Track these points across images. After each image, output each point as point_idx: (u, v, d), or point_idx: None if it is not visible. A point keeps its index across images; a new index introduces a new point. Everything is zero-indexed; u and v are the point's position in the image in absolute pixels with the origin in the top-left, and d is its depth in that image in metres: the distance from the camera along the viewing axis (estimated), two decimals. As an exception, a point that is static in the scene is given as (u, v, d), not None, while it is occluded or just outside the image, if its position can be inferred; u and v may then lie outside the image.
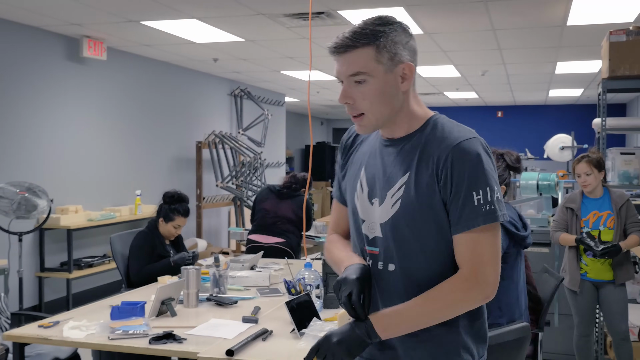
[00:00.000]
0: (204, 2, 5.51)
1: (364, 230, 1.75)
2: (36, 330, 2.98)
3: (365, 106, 1.65)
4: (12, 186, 5.65)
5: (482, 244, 1.61)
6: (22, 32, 6.31)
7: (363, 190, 1.76)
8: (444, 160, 1.61)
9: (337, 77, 1.68)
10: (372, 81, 1.63)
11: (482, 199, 1.60)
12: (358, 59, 1.62)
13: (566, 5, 5.55)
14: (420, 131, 1.70)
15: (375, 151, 1.77)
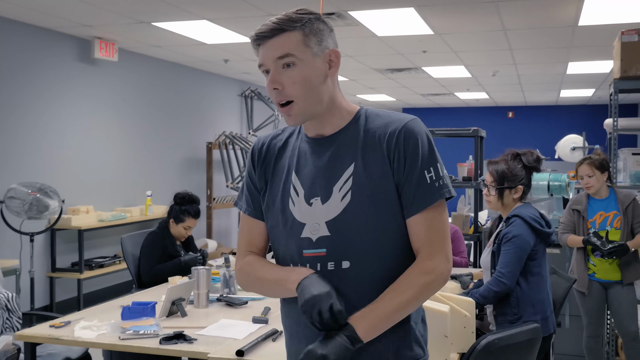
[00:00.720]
0: (215, 4, 5.52)
1: (304, 234, 1.65)
2: (47, 330, 2.99)
3: (294, 92, 1.60)
4: (24, 187, 5.69)
5: (437, 222, 1.62)
6: (34, 34, 6.34)
7: (299, 194, 1.68)
8: (395, 141, 1.60)
9: (263, 64, 1.62)
10: (301, 65, 1.59)
11: (433, 176, 1.60)
12: (286, 42, 1.59)
13: (577, 5, 5.52)
14: (354, 123, 1.67)
15: (305, 153, 1.71)
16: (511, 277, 3.15)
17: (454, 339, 2.73)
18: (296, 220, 1.67)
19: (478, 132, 5.53)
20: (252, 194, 1.80)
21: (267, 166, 1.77)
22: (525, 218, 3.20)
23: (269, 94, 1.65)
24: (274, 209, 1.73)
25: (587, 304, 4.39)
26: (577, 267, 4.39)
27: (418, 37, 6.84)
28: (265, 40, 1.61)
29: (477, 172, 5.62)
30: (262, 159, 1.78)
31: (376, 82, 10.64)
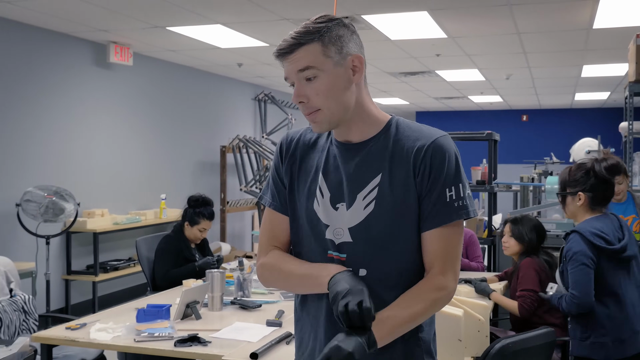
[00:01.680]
0: (229, 8, 5.55)
1: (327, 235, 1.67)
2: (64, 332, 3.02)
3: (319, 102, 1.61)
4: (40, 190, 5.74)
5: (451, 240, 1.62)
6: (50, 38, 6.40)
7: (324, 196, 1.68)
8: (422, 156, 1.60)
9: (287, 79, 1.65)
10: (323, 76, 1.60)
11: (454, 195, 1.60)
12: (305, 55, 1.59)
13: (592, 8, 5.50)
14: (384, 132, 1.67)
15: (333, 156, 1.71)
16: (583, 295, 2.93)
17: (468, 342, 2.72)
18: (320, 221, 1.68)
19: (492, 136, 5.52)
20: (278, 188, 1.78)
21: (294, 162, 1.76)
22: (584, 233, 2.98)
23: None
24: (299, 206, 1.73)
25: None
26: None
27: (431, 40, 6.84)
28: (286, 55, 1.61)
29: (490, 175, 5.61)
30: (290, 154, 1.77)
31: (389, 86, 10.63)
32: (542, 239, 4.02)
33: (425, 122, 1.72)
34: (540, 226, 4.05)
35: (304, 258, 1.73)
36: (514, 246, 4.06)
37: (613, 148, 9.43)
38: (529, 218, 4.13)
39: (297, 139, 1.79)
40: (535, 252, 3.96)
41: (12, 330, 3.58)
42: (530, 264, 3.85)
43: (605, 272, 2.97)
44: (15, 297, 3.73)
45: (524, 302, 3.74)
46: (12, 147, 5.96)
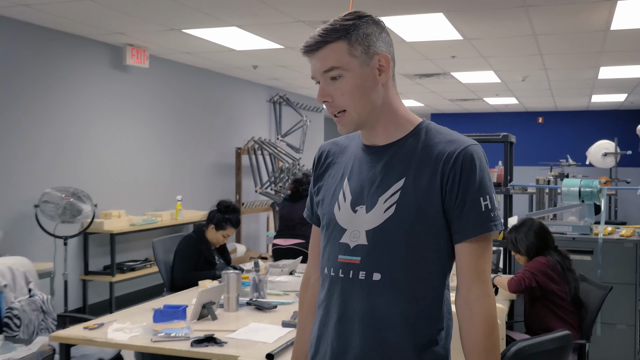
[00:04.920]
0: (244, 11, 5.57)
1: (343, 239, 1.64)
2: (81, 331, 3.04)
3: (344, 102, 1.60)
4: (58, 191, 5.79)
5: (487, 252, 1.58)
6: (68, 41, 6.46)
7: (345, 199, 1.66)
8: (453, 162, 1.55)
9: (313, 77, 1.63)
10: (348, 75, 1.58)
11: (489, 205, 1.56)
12: (330, 54, 1.58)
13: (610, 10, 5.47)
14: (412, 136, 1.64)
15: (359, 160, 1.69)
16: None
17: (484, 345, 2.71)
18: (338, 224, 1.66)
19: (508, 138, 5.50)
20: (312, 200, 1.83)
21: (324, 171, 1.78)
22: None
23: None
24: (324, 211, 1.73)
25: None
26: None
27: (447, 42, 6.83)
28: (312, 52, 1.60)
29: (506, 177, 5.59)
30: (321, 165, 1.80)
31: (404, 88, 10.63)
32: (543, 240, 4.01)
33: (441, 124, 1.71)
34: (539, 229, 4.03)
35: (321, 266, 1.73)
36: (519, 257, 4.12)
37: (630, 151, 9.38)
38: (529, 222, 4.11)
39: (328, 149, 1.81)
40: (545, 252, 3.96)
41: (31, 330, 3.62)
42: (540, 259, 3.91)
43: None
44: (34, 297, 3.77)
45: (515, 276, 3.80)
46: (30, 149, 6.02)
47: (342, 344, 1.63)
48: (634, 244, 4.97)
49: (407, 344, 1.58)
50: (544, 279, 3.81)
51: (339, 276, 1.64)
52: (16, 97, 5.87)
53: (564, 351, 2.51)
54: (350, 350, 1.61)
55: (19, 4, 5.36)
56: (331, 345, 1.66)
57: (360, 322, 1.60)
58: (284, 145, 10.48)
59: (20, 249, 5.73)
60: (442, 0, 5.23)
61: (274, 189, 9.45)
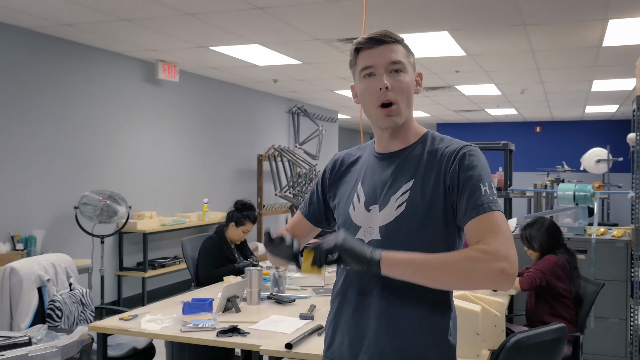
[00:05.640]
0: (266, 29, 5.59)
1: (358, 236, 1.66)
2: (117, 322, 3.06)
3: (398, 95, 1.63)
4: (96, 194, 5.83)
5: (494, 224, 1.48)
6: (107, 57, 6.52)
7: (360, 201, 1.70)
8: (452, 160, 1.59)
9: (372, 66, 1.63)
10: (405, 73, 1.64)
11: (487, 190, 1.53)
12: (397, 50, 1.65)
13: (602, 28, 5.43)
14: (420, 143, 1.69)
15: (372, 166, 1.73)
16: None
17: (485, 336, 2.71)
18: (353, 222, 1.69)
19: (507, 146, 5.47)
20: (312, 200, 1.89)
21: (338, 178, 1.82)
22: None
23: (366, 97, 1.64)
24: (340, 213, 1.76)
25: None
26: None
27: (451, 58, 6.81)
28: (379, 45, 1.65)
29: (506, 182, 5.56)
30: (334, 172, 1.84)
31: (412, 100, 10.60)
32: (555, 237, 3.96)
33: (445, 133, 1.73)
34: (551, 226, 3.98)
35: None
36: (531, 253, 4.05)
37: (622, 157, 9.28)
38: (541, 220, 4.05)
39: (341, 159, 1.85)
40: (556, 250, 3.91)
41: (71, 320, 3.65)
42: (552, 258, 3.84)
43: None
44: (74, 290, 3.80)
45: (527, 276, 3.75)
46: (71, 156, 6.08)
47: (359, 332, 1.64)
48: (625, 244, 4.93)
49: (420, 332, 1.58)
50: (553, 279, 3.77)
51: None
52: (61, 110, 5.93)
53: (559, 342, 2.49)
54: (366, 338, 1.62)
55: (63, 24, 5.42)
56: (348, 334, 1.66)
57: (375, 312, 1.61)
58: (301, 152, 10.49)
59: (62, 246, 5.79)
60: (447, 20, 5.22)
61: (292, 193, 9.46)
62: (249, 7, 4.85)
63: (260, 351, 2.67)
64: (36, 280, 3.61)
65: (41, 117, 5.75)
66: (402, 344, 1.58)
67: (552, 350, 2.49)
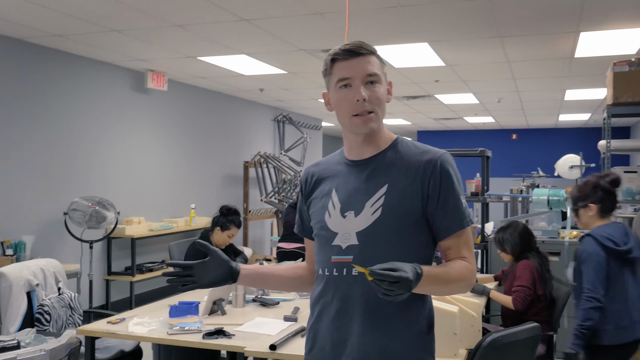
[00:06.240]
0: (252, 40, 5.60)
1: (335, 242, 1.65)
2: (105, 325, 3.04)
3: (376, 105, 1.63)
4: (85, 200, 5.79)
5: (470, 240, 1.65)
6: (96, 67, 6.48)
7: (335, 207, 1.68)
8: (431, 171, 1.60)
9: (349, 78, 1.62)
10: (380, 85, 1.64)
11: (464, 204, 1.63)
12: (373, 62, 1.64)
13: (574, 40, 5.50)
14: (391, 149, 1.69)
15: (345, 173, 1.72)
16: (596, 290, 2.98)
17: (463, 336, 2.72)
18: (329, 229, 1.67)
19: (484, 153, 5.51)
20: (302, 218, 1.85)
21: (311, 190, 1.80)
22: (596, 237, 3.05)
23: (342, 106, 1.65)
24: (315, 220, 1.74)
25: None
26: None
27: (431, 68, 6.86)
28: (354, 56, 1.63)
29: (483, 187, 5.60)
30: (308, 185, 1.82)
31: (394, 108, 10.66)
32: (527, 241, 3.96)
33: (425, 141, 1.75)
34: (523, 230, 3.97)
35: (316, 268, 1.74)
36: (504, 255, 4.06)
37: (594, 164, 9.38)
38: (514, 225, 4.04)
39: (312, 171, 1.83)
40: (528, 254, 3.92)
41: (59, 324, 3.62)
42: (527, 265, 3.82)
43: (612, 270, 3.02)
44: (62, 294, 3.76)
45: (517, 296, 3.73)
46: (60, 163, 6.03)
47: (341, 336, 1.63)
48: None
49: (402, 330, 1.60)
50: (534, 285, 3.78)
51: (334, 275, 1.65)
52: (50, 117, 5.88)
53: (533, 341, 2.51)
54: (349, 341, 1.61)
55: (54, 34, 5.38)
56: (330, 337, 1.65)
57: (357, 314, 1.61)
58: (286, 159, 10.49)
59: (51, 252, 5.73)
60: (427, 32, 5.26)
61: (278, 198, 9.45)
62: (236, 19, 4.85)
63: (245, 352, 2.67)
64: (25, 284, 3.57)
65: (31, 124, 5.70)
66: (386, 344, 1.59)
67: (527, 349, 2.51)
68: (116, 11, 4.66)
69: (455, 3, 4.43)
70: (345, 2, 4.29)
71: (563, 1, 4.38)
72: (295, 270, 1.87)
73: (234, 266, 1.75)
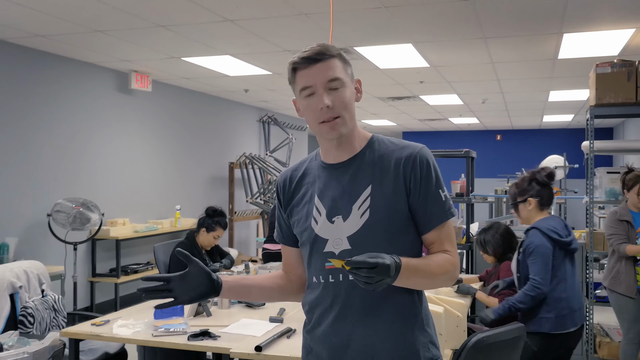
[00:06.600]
0: (237, 41, 5.59)
1: (327, 248, 1.62)
2: (89, 328, 3.02)
3: (340, 110, 1.59)
4: (69, 202, 5.74)
5: (452, 234, 1.65)
6: (80, 68, 6.43)
7: (321, 214, 1.65)
8: (411, 165, 1.60)
9: (311, 86, 1.59)
10: (344, 88, 1.60)
11: (445, 196, 1.63)
12: (333, 66, 1.59)
13: (557, 41, 5.55)
14: (369, 147, 1.67)
15: (325, 178, 1.68)
16: (545, 282, 3.15)
17: (448, 336, 2.73)
18: (319, 236, 1.64)
19: (469, 153, 5.55)
20: (281, 225, 1.80)
21: (290, 196, 1.76)
22: (542, 229, 3.21)
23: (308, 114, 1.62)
24: (301, 230, 1.70)
25: (632, 310, 4.10)
26: (627, 274, 4.11)
27: (416, 69, 6.88)
28: (314, 63, 1.59)
29: (468, 188, 5.63)
30: (286, 191, 1.77)
31: (379, 109, 10.68)
32: (509, 242, 3.97)
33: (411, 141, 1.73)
34: (505, 232, 3.99)
35: (309, 276, 1.70)
36: (486, 257, 4.08)
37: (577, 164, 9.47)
38: (496, 226, 4.06)
39: (289, 176, 1.78)
40: (509, 255, 3.93)
41: (43, 326, 3.59)
42: (510, 267, 3.85)
43: (556, 260, 3.20)
44: (46, 297, 3.73)
45: (503, 298, 3.74)
46: (44, 164, 5.98)
47: (340, 340, 1.61)
48: (581, 246, 5.03)
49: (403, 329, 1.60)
50: None
51: (330, 282, 1.63)
52: (33, 118, 5.83)
53: (518, 341, 2.52)
54: (350, 344, 1.60)
55: (37, 35, 5.33)
56: (330, 343, 1.62)
57: (356, 318, 1.60)
58: (272, 160, 10.48)
59: (34, 253, 5.68)
60: (411, 33, 5.28)
61: (263, 199, 9.43)
62: (220, 19, 4.84)
63: (230, 354, 2.66)
64: (8, 287, 3.54)
65: (14, 126, 5.64)
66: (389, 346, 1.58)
67: (512, 349, 2.52)
68: (99, 12, 4.63)
69: (440, 4, 4.45)
70: (329, 2, 4.30)
71: (546, 3, 4.43)
72: (274, 280, 1.81)
73: (215, 279, 1.67)
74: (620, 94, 4.57)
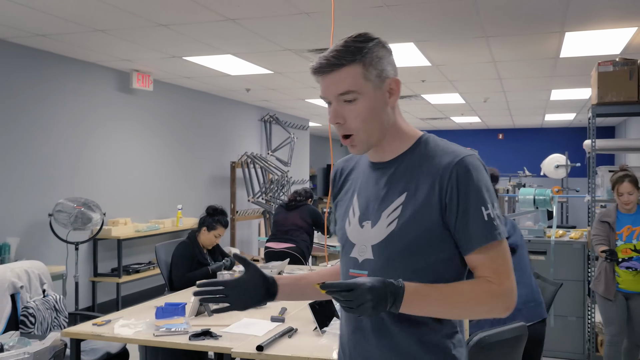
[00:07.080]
0: (238, 40, 5.58)
1: (353, 254, 1.51)
2: (91, 328, 3.02)
3: (356, 125, 1.43)
4: (70, 201, 5.74)
5: (499, 259, 1.40)
6: (81, 67, 6.43)
7: (355, 215, 1.53)
8: (448, 176, 1.40)
9: (324, 97, 1.45)
10: (362, 99, 1.41)
11: (491, 214, 1.39)
12: (346, 77, 1.40)
13: (559, 40, 5.54)
14: (412, 150, 1.49)
15: (367, 176, 1.55)
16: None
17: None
18: (349, 240, 1.54)
19: (471, 152, 5.53)
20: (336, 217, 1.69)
21: (340, 188, 1.66)
22: None
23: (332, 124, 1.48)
24: (338, 228, 1.61)
25: (612, 310, 4.14)
26: (606, 276, 4.13)
27: (417, 68, 6.88)
28: (326, 74, 1.43)
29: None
30: (337, 183, 1.67)
31: (380, 108, 10.66)
32: None
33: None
34: None
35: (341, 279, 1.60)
36: None
37: (579, 163, 9.47)
38: None
39: (342, 167, 1.68)
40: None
41: (44, 327, 3.59)
42: None
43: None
44: (47, 297, 3.73)
45: None
46: (46, 164, 5.98)
47: (358, 353, 1.52)
48: (582, 245, 5.03)
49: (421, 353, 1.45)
50: None
51: None
52: (34, 118, 5.83)
53: (519, 340, 2.52)
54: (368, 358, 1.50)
55: (38, 34, 5.33)
56: (350, 355, 1.55)
57: (371, 333, 1.48)
58: (273, 159, 10.48)
59: (36, 253, 5.68)
60: (413, 32, 5.27)
61: (265, 199, 9.43)
62: (222, 18, 4.83)
63: (232, 354, 2.66)
64: (9, 287, 3.54)
65: (15, 125, 5.64)
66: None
67: (513, 348, 2.52)
68: (100, 11, 4.63)
69: (441, 3, 4.45)
70: (331, 1, 4.29)
71: (548, 2, 4.42)
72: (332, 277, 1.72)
73: (271, 282, 1.58)
74: (622, 92, 4.57)
